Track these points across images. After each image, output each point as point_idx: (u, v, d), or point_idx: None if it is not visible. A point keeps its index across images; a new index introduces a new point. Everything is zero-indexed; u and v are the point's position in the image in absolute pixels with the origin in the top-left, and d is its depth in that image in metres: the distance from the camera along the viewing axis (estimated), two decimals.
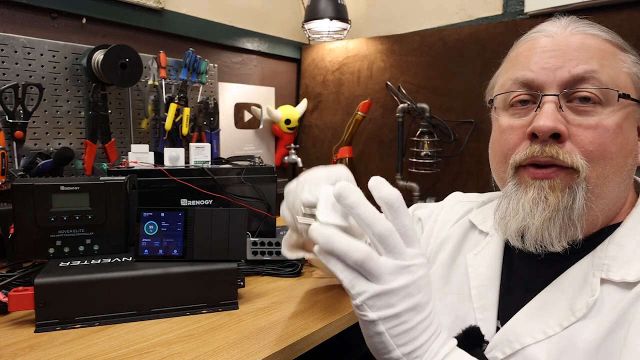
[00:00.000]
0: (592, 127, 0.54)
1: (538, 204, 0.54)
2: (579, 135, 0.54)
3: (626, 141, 0.55)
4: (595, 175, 0.54)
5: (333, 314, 0.76)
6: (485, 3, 1.41)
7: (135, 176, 0.95)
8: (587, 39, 0.57)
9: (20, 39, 1.06)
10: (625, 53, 0.58)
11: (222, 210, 0.78)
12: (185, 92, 1.33)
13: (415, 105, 1.38)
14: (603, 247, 0.56)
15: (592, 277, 0.54)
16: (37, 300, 0.66)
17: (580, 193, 0.53)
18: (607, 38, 0.58)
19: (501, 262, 0.65)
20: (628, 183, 0.58)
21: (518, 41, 0.64)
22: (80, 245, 0.80)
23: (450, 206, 0.80)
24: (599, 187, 0.54)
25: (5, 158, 0.96)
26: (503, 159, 0.60)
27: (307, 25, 1.61)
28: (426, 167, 1.39)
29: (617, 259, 0.54)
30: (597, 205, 0.54)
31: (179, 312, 0.73)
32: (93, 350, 0.61)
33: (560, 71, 0.55)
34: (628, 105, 0.56)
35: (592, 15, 1.15)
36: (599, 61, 0.55)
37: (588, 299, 0.52)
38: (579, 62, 0.55)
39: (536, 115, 0.55)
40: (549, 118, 0.53)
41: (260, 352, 0.63)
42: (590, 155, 0.53)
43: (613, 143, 0.54)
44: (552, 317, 0.55)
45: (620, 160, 0.55)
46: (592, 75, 0.54)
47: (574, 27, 0.58)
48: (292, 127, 1.71)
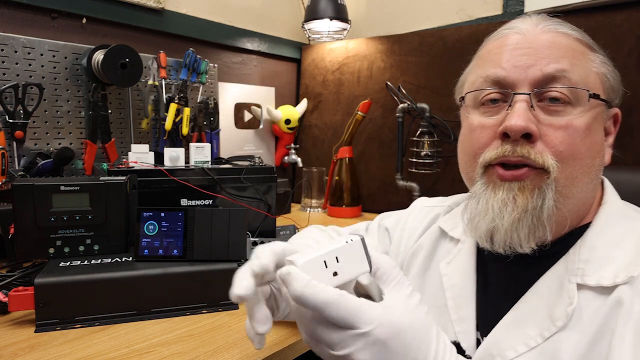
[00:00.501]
0: (563, 127, 0.53)
1: (507, 205, 0.54)
2: (550, 135, 0.53)
3: (594, 142, 0.55)
4: (564, 176, 0.53)
5: None
6: (485, 3, 1.41)
7: (135, 176, 0.95)
8: (558, 37, 0.56)
9: (21, 39, 1.06)
10: (594, 53, 0.58)
11: (222, 210, 0.78)
12: (185, 92, 1.33)
13: (415, 105, 1.38)
14: (575, 250, 0.56)
15: (567, 283, 0.54)
16: (37, 300, 0.66)
17: (549, 194, 0.53)
18: (578, 37, 0.58)
19: (475, 269, 0.64)
20: (596, 183, 0.57)
21: (488, 38, 0.63)
22: (81, 245, 0.80)
23: (417, 212, 0.78)
24: (567, 188, 0.54)
25: (6, 158, 0.96)
26: (473, 158, 0.59)
27: (307, 25, 1.61)
28: (426, 167, 1.39)
29: (590, 262, 0.54)
30: (566, 206, 0.54)
31: (179, 312, 0.73)
32: (93, 350, 0.61)
33: (532, 69, 0.55)
34: (597, 105, 0.56)
35: (592, 15, 1.16)
36: (569, 60, 0.55)
37: (567, 307, 0.52)
38: (550, 61, 0.54)
39: (508, 114, 0.55)
40: (521, 117, 0.53)
41: (260, 352, 0.63)
42: (560, 155, 0.53)
43: (582, 143, 0.53)
44: (532, 328, 0.54)
45: (589, 161, 0.55)
46: (563, 75, 0.54)
47: (545, 24, 0.58)
48: (292, 127, 1.71)
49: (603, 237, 0.55)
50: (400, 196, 1.50)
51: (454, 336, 0.61)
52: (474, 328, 0.61)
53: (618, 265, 0.52)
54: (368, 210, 1.58)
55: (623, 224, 0.56)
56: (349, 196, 1.52)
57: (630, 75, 1.07)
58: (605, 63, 0.58)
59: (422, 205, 0.80)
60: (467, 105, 0.62)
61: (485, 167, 0.57)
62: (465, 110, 0.63)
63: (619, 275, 0.51)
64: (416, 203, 0.82)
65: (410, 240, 0.75)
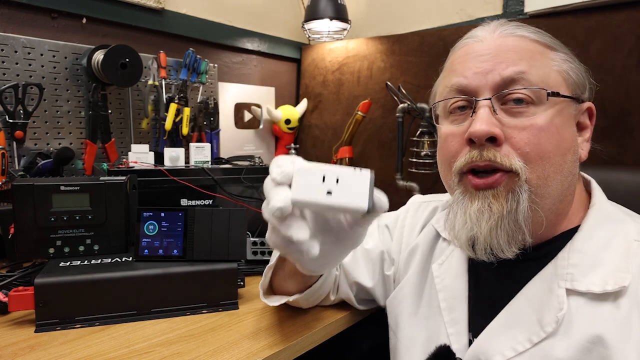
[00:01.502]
0: (527, 127, 0.54)
1: (483, 213, 0.55)
2: (515, 137, 0.54)
3: (562, 138, 0.55)
4: (535, 176, 0.54)
5: (333, 313, 0.76)
6: (485, 3, 1.41)
7: (135, 176, 0.95)
8: (515, 41, 0.57)
9: (21, 39, 1.06)
10: (554, 52, 0.59)
11: (222, 210, 0.78)
12: (185, 92, 1.33)
13: (415, 105, 1.38)
14: (564, 254, 0.56)
15: (557, 288, 0.54)
16: (37, 300, 0.66)
17: (523, 196, 0.53)
18: (535, 38, 0.58)
19: (467, 271, 0.64)
20: (571, 180, 0.57)
21: (453, 48, 0.65)
22: (81, 245, 0.80)
23: (415, 209, 0.79)
24: (541, 188, 0.54)
25: (6, 158, 0.96)
26: (448, 167, 0.60)
27: (307, 25, 1.61)
28: (426, 167, 1.39)
29: (579, 267, 0.54)
30: (542, 206, 0.55)
31: (179, 312, 0.73)
32: (93, 350, 0.61)
33: (491, 75, 0.56)
34: (560, 102, 0.56)
35: (592, 15, 1.16)
36: (527, 62, 0.56)
37: (557, 313, 0.52)
38: (509, 65, 0.55)
39: (472, 120, 0.56)
40: (484, 122, 0.54)
41: (260, 352, 0.63)
42: (527, 156, 0.54)
43: (548, 142, 0.54)
44: (521, 332, 0.54)
45: (559, 158, 0.55)
46: (521, 77, 0.55)
47: (502, 30, 0.59)
48: (292, 127, 1.71)
49: (591, 241, 0.55)
50: (400, 196, 1.49)
51: (446, 338, 0.62)
52: (466, 330, 0.61)
53: (607, 271, 0.52)
54: None
55: (611, 227, 0.57)
56: None
57: (630, 75, 1.07)
58: (568, 60, 0.59)
59: (419, 202, 0.80)
60: (439, 115, 0.64)
61: (460, 175, 0.58)
62: (438, 121, 0.64)
63: (609, 282, 0.51)
64: (412, 200, 0.82)
65: (411, 237, 0.75)
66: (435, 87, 0.68)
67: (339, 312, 0.77)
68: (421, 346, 0.65)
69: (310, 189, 0.42)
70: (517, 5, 1.33)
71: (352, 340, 1.07)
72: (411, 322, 0.68)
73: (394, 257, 0.75)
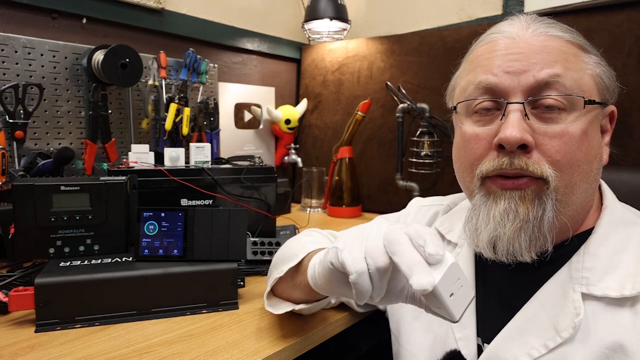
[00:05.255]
0: (558, 135, 0.52)
1: (509, 214, 0.53)
2: (546, 144, 0.52)
3: (591, 146, 0.54)
4: (563, 184, 0.52)
5: (333, 313, 0.76)
6: (485, 3, 1.41)
7: (135, 176, 0.95)
8: (549, 41, 0.54)
9: (21, 39, 1.06)
10: (587, 54, 0.56)
11: (222, 210, 0.78)
12: (185, 92, 1.33)
13: (415, 105, 1.38)
14: (579, 257, 0.55)
15: (572, 292, 0.53)
16: (38, 300, 0.66)
17: (549, 204, 0.52)
18: (569, 39, 0.56)
19: (474, 274, 0.63)
20: (594, 187, 0.57)
21: (477, 41, 0.61)
22: (81, 245, 0.80)
23: (415, 212, 0.78)
24: (567, 196, 0.53)
25: (6, 158, 0.96)
26: (469, 169, 0.58)
27: (307, 26, 1.61)
28: (426, 167, 1.39)
29: (594, 271, 0.53)
30: (566, 213, 0.54)
31: (179, 312, 0.73)
32: (93, 350, 0.61)
33: (524, 76, 0.53)
34: (593, 109, 0.54)
35: (592, 15, 1.16)
36: (562, 64, 0.53)
37: (574, 319, 0.51)
38: (543, 66, 0.53)
39: (502, 124, 0.53)
40: (516, 128, 0.51)
41: (260, 352, 0.63)
42: (557, 164, 0.52)
43: (579, 150, 0.52)
44: (536, 337, 0.53)
45: (587, 167, 0.54)
46: (556, 80, 0.52)
47: (535, 27, 0.56)
48: (292, 127, 1.71)
49: (606, 245, 0.54)
50: (400, 196, 1.50)
51: (454, 343, 0.60)
52: (474, 334, 0.60)
53: (623, 274, 0.51)
54: (368, 210, 1.58)
55: (624, 229, 0.56)
56: (349, 196, 1.52)
57: (630, 75, 1.06)
58: (600, 63, 0.57)
59: (420, 205, 0.79)
60: (460, 112, 0.61)
61: (483, 179, 0.56)
62: (458, 118, 0.61)
63: (626, 287, 0.50)
64: (412, 203, 0.81)
65: None
66: (454, 80, 0.65)
67: (338, 312, 0.77)
68: (426, 351, 0.64)
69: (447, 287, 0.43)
70: (517, 5, 1.33)
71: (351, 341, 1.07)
72: (414, 327, 0.67)
73: None
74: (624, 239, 0.54)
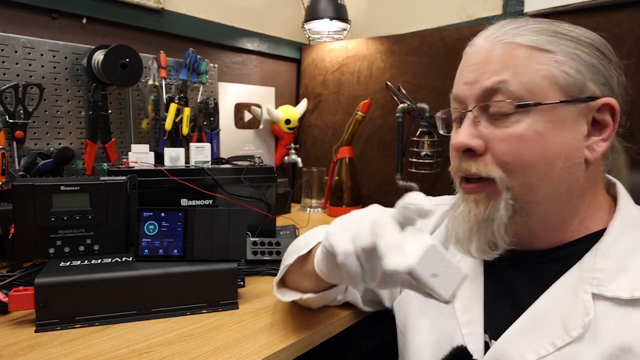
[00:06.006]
0: (505, 138, 0.55)
1: (464, 217, 0.58)
2: (495, 147, 0.55)
3: (549, 145, 0.54)
4: (517, 184, 0.55)
5: (333, 313, 0.76)
6: (485, 3, 1.41)
7: (135, 176, 0.95)
8: (500, 49, 0.56)
9: (21, 39, 1.06)
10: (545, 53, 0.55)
11: (222, 210, 0.78)
12: (185, 92, 1.33)
13: (415, 105, 1.38)
14: (590, 257, 0.55)
15: (583, 292, 0.53)
16: (38, 300, 0.66)
17: (502, 204, 0.55)
18: (523, 42, 0.56)
19: (483, 270, 0.64)
20: (570, 185, 0.56)
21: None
22: (81, 245, 0.80)
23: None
24: (526, 196, 0.55)
25: (6, 158, 0.96)
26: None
27: (307, 26, 1.61)
28: (426, 167, 1.39)
29: (606, 271, 0.53)
30: (533, 212, 0.56)
31: (179, 312, 0.73)
32: (93, 350, 0.61)
33: (475, 85, 0.57)
34: (550, 109, 0.54)
35: (592, 15, 1.16)
36: (511, 70, 0.55)
37: (584, 318, 0.51)
38: (491, 74, 0.55)
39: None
40: (462, 134, 0.57)
41: (260, 352, 0.63)
42: (507, 166, 0.55)
43: (530, 152, 0.54)
44: (544, 335, 0.53)
45: (544, 166, 0.54)
46: (500, 87, 0.55)
47: (495, 36, 0.58)
48: (292, 127, 1.71)
49: (618, 246, 0.54)
50: (400, 196, 1.49)
51: (461, 339, 0.61)
52: (482, 331, 0.60)
53: (635, 276, 0.51)
54: None
55: (638, 231, 0.55)
56: (349, 196, 1.52)
57: (630, 75, 1.06)
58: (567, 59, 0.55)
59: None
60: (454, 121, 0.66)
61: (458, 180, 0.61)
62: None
63: (637, 288, 0.50)
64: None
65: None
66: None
67: (339, 312, 0.77)
68: (433, 347, 0.64)
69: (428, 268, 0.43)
70: (517, 5, 1.33)
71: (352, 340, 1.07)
72: (421, 323, 0.68)
73: None
74: (637, 241, 0.54)
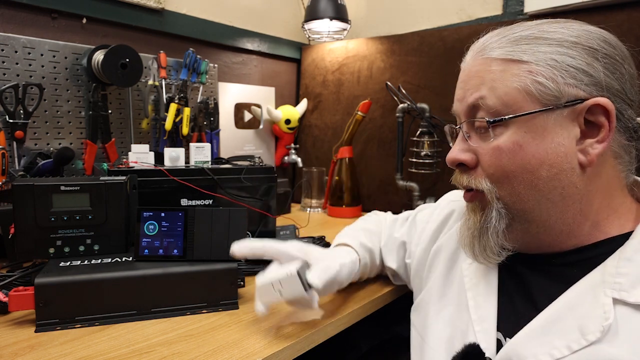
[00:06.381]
0: (489, 151, 0.57)
1: (466, 224, 0.63)
2: (483, 161, 0.58)
3: (529, 155, 0.54)
4: (507, 194, 0.57)
5: (333, 313, 0.76)
6: (485, 3, 1.41)
7: (135, 176, 0.95)
8: (481, 65, 0.58)
9: (21, 39, 1.06)
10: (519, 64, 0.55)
11: (222, 210, 0.78)
12: (185, 92, 1.33)
13: (415, 105, 1.38)
14: (613, 262, 0.53)
15: (603, 297, 0.51)
16: (38, 300, 0.66)
17: (493, 212, 0.58)
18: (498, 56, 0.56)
19: (497, 269, 0.64)
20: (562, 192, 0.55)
21: None
22: (81, 245, 0.80)
23: (443, 207, 0.81)
24: (517, 203, 0.57)
25: (6, 158, 0.96)
26: None
27: (307, 26, 1.61)
28: (426, 167, 1.39)
29: (629, 276, 0.51)
30: (532, 218, 0.57)
31: (179, 312, 0.73)
32: (93, 350, 0.61)
33: (463, 102, 0.60)
34: (527, 120, 0.54)
35: (592, 15, 1.16)
36: (488, 85, 0.56)
37: (603, 323, 0.50)
38: (473, 91, 0.58)
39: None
40: (454, 150, 0.60)
41: (260, 352, 0.63)
42: (493, 177, 0.57)
43: (510, 162, 0.55)
44: (559, 338, 0.52)
45: (527, 176, 0.55)
46: (480, 103, 0.57)
47: (478, 51, 0.60)
48: (292, 127, 1.71)
49: None
50: (400, 196, 1.50)
51: (473, 336, 0.61)
52: (494, 328, 0.60)
53: None
54: (368, 210, 1.57)
55: None
56: (349, 196, 1.52)
57: None
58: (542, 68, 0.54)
59: (449, 200, 0.83)
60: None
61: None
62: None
63: None
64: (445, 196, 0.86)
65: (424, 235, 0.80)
66: None
67: (338, 312, 0.77)
68: (446, 344, 0.65)
69: (268, 295, 0.67)
70: (517, 5, 1.33)
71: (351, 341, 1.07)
72: (436, 322, 0.68)
73: (412, 249, 0.82)
74: None
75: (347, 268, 0.77)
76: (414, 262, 0.80)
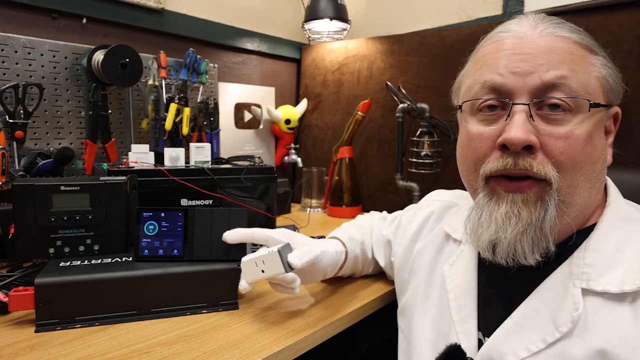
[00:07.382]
0: (563, 137, 0.52)
1: (511, 218, 0.53)
2: (550, 145, 0.52)
3: (595, 148, 0.54)
4: (565, 184, 0.53)
5: (333, 314, 0.76)
6: (485, 3, 1.41)
7: (135, 176, 0.95)
8: (556, 42, 0.54)
9: (21, 39, 1.06)
10: (594, 55, 0.56)
11: (222, 210, 0.78)
12: (185, 92, 1.33)
13: (415, 105, 1.38)
14: (580, 253, 0.54)
15: (572, 287, 0.53)
16: (38, 300, 0.66)
17: (551, 205, 0.52)
18: (577, 40, 0.55)
19: (476, 270, 0.64)
20: (598, 187, 0.56)
21: (484, 39, 0.61)
22: (81, 245, 0.80)
23: (425, 207, 0.82)
24: (569, 196, 0.53)
25: (6, 158, 0.96)
26: (473, 168, 0.58)
27: (307, 26, 1.61)
28: (426, 167, 1.39)
29: (595, 266, 0.53)
30: (569, 213, 0.54)
31: (179, 312, 0.73)
32: (93, 350, 0.61)
33: (530, 77, 0.53)
34: (598, 112, 0.54)
35: (592, 15, 1.16)
36: (569, 66, 0.53)
37: (573, 313, 0.51)
38: (550, 68, 0.52)
39: (506, 124, 0.53)
40: (521, 129, 0.52)
41: (260, 352, 0.63)
42: (560, 165, 0.52)
43: (583, 152, 0.52)
44: (534, 332, 0.53)
45: (589, 167, 0.54)
46: (563, 82, 0.52)
47: (543, 27, 0.55)
48: (292, 127, 1.71)
49: (608, 240, 0.54)
50: (400, 196, 1.50)
51: (455, 337, 0.61)
52: (475, 329, 0.60)
53: (624, 271, 0.51)
54: (368, 210, 1.57)
55: (628, 226, 0.55)
56: (349, 196, 1.52)
57: (630, 75, 1.07)
58: (606, 65, 0.56)
59: (430, 200, 0.83)
60: (464, 110, 0.61)
61: (487, 178, 0.56)
62: (463, 117, 0.61)
63: (627, 282, 0.50)
64: (427, 196, 0.86)
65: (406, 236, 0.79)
66: (460, 77, 0.65)
67: (338, 312, 0.77)
68: (430, 346, 0.65)
69: (252, 273, 0.71)
70: (517, 5, 1.33)
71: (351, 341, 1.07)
72: (421, 324, 0.68)
73: (396, 249, 0.82)
74: (626, 235, 0.54)
75: (329, 256, 0.76)
76: (397, 261, 0.81)
